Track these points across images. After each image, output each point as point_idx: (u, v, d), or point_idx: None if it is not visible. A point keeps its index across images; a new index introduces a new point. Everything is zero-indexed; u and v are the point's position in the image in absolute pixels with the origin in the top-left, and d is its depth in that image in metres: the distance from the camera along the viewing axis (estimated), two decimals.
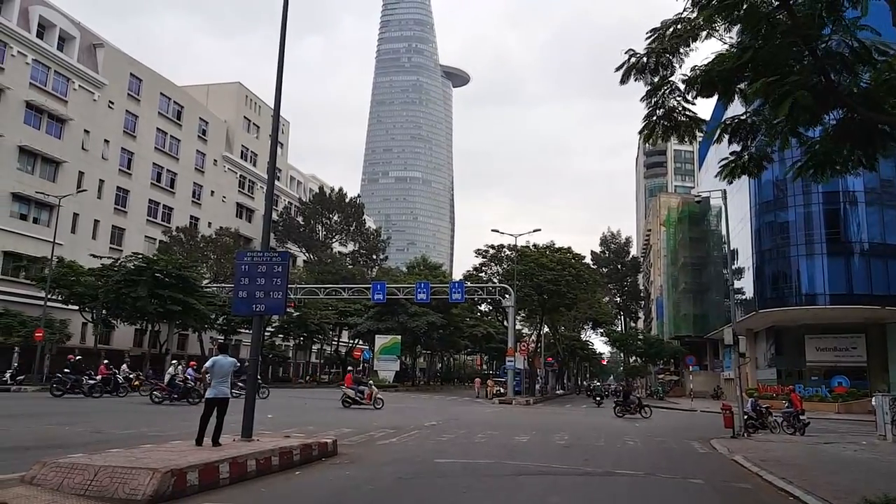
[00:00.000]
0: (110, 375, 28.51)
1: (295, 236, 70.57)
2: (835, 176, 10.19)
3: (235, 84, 69.53)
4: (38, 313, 37.42)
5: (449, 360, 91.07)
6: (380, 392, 29.27)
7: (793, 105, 8.00)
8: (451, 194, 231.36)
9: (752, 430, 20.50)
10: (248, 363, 12.75)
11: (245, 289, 12.25)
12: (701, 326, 61.87)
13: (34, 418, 17.30)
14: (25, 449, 10.93)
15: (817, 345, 42.91)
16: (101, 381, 27.87)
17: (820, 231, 40.76)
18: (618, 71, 9.97)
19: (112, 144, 50.59)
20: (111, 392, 27.87)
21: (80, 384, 27.07)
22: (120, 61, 52.16)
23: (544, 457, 13.37)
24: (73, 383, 26.93)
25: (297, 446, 11.21)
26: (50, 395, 26.17)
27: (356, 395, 27.23)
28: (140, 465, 7.89)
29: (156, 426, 16.01)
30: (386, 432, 17.16)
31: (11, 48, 41.87)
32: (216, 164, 63.96)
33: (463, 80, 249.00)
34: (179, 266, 41.89)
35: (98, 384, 27.54)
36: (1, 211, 40.95)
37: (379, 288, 47.23)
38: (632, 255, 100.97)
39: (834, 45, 8.76)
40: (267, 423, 16.69)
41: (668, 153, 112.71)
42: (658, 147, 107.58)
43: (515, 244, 52.23)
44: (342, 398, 27.41)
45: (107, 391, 27.74)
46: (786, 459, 13.73)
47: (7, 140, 41.06)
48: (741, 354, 22.35)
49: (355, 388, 27.71)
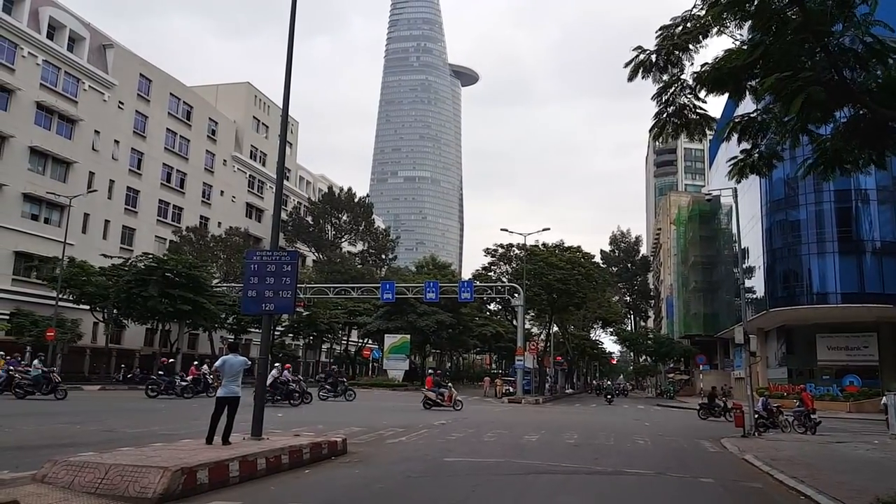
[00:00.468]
0: (200, 376, 30.08)
1: (304, 236, 70.80)
2: (844, 174, 10.10)
3: (245, 84, 69.81)
4: (49, 313, 37.78)
5: (458, 359, 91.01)
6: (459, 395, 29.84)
7: (805, 101, 7.91)
8: (460, 194, 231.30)
9: (763, 430, 20.37)
10: (258, 361, 12.79)
11: (254, 288, 12.29)
12: (711, 325, 61.53)
13: (46, 417, 17.43)
14: (37, 448, 11.01)
15: (828, 344, 42.58)
16: (191, 381, 29.39)
17: (831, 229, 40.43)
18: (626, 68, 9.90)
19: (122, 145, 50.93)
20: (202, 391, 29.13)
21: (174, 385, 28.76)
22: (129, 62, 52.48)
23: (553, 456, 13.33)
24: (167, 384, 28.62)
25: (307, 445, 11.23)
26: (145, 396, 27.83)
27: (437, 397, 27.92)
28: (150, 464, 7.93)
29: (167, 425, 16.09)
30: (395, 431, 17.17)
31: (22, 49, 42.23)
32: (225, 165, 64.25)
33: (472, 78, 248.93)
34: (189, 266, 42.11)
35: (189, 385, 29.10)
36: (12, 211, 41.30)
37: (388, 287, 47.27)
38: (642, 254, 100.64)
39: (847, 42, 8.67)
40: (277, 422, 16.75)
41: (678, 152, 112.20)
42: (668, 146, 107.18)
43: (525, 243, 52.17)
44: (423, 400, 28.07)
45: (197, 391, 29.11)
46: (797, 459, 13.63)
47: (18, 141, 41.42)
48: (752, 353, 22.20)
49: (436, 390, 28.40)
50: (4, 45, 41.28)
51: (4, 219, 40.47)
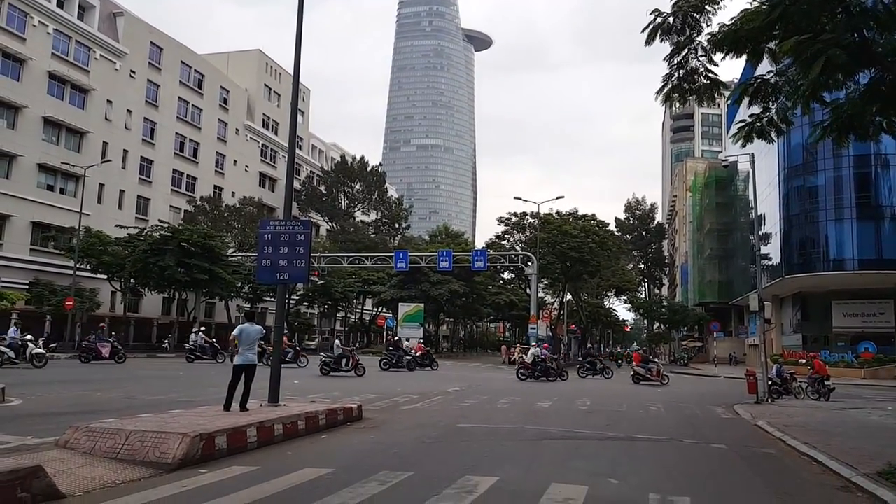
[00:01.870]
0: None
1: (317, 205, 70.90)
2: (859, 139, 9.92)
3: (256, 52, 69.23)
4: (67, 283, 38.32)
5: (472, 327, 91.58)
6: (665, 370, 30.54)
7: (825, 64, 7.74)
8: (474, 162, 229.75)
9: (777, 396, 20.39)
10: (274, 330, 12.93)
11: (268, 258, 12.37)
12: (726, 293, 61.32)
13: (69, 385, 17.81)
14: (59, 414, 11.28)
15: (844, 311, 42.34)
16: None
17: (850, 195, 39.87)
18: (643, 32, 9.74)
19: (135, 114, 50.95)
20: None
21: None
22: (140, 30, 52.19)
23: (566, 422, 13.45)
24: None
25: (323, 411, 11.41)
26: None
27: (646, 372, 28.47)
28: (170, 430, 8.10)
29: (185, 392, 16.39)
30: (410, 398, 17.38)
31: (32, 18, 42.08)
32: (238, 134, 64.16)
33: (485, 43, 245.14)
34: (205, 235, 42.42)
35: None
36: (28, 182, 41.66)
37: (401, 256, 47.41)
38: (657, 221, 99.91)
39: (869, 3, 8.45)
40: (293, 389, 17.00)
41: (695, 117, 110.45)
42: (685, 111, 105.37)
43: (538, 211, 51.95)
44: (632, 375, 28.66)
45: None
46: (810, 425, 13.66)
47: (31, 111, 41.56)
48: (766, 321, 22.14)
49: (644, 366, 29.04)
50: (15, 15, 41.15)
51: (21, 189, 40.85)
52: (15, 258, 39.97)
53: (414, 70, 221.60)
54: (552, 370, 27.90)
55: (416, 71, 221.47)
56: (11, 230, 40.34)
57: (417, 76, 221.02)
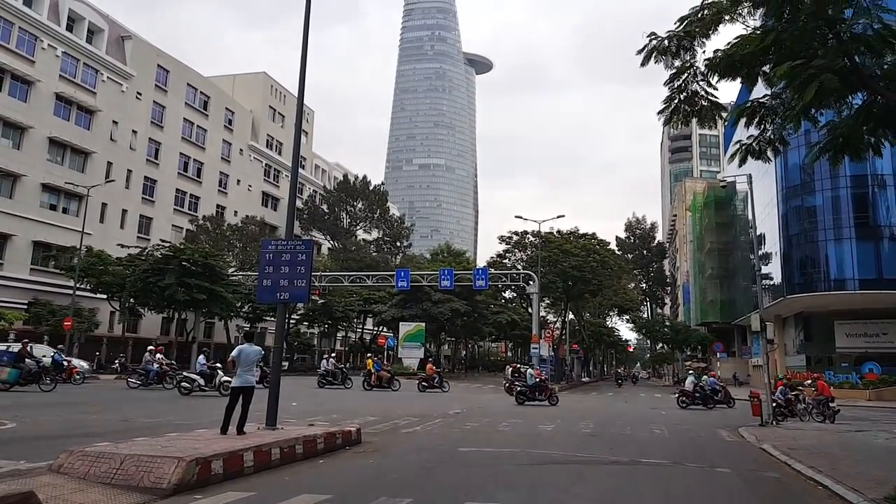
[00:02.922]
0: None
1: (320, 224, 71.03)
2: (854, 159, 10.00)
3: (261, 74, 69.93)
4: (67, 302, 38.29)
5: (473, 347, 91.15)
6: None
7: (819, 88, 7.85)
8: (475, 181, 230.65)
9: (781, 418, 20.18)
10: (273, 350, 12.85)
11: (269, 277, 12.34)
12: (728, 313, 61.00)
13: (64, 407, 17.68)
14: (54, 438, 11.17)
15: (847, 331, 42.05)
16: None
17: (848, 215, 39.82)
18: (639, 54, 9.85)
19: (140, 135, 51.28)
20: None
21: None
22: (147, 53, 52.72)
23: (569, 446, 13.30)
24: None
25: (321, 435, 11.28)
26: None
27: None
28: (165, 454, 8.00)
29: (181, 415, 16.26)
30: (410, 420, 17.22)
31: (42, 41, 42.55)
32: (242, 154, 64.51)
33: (486, 67, 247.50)
34: (205, 255, 42.42)
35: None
36: (32, 201, 41.81)
37: (403, 275, 47.30)
38: (657, 240, 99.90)
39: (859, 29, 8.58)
40: (291, 411, 16.86)
41: (692, 138, 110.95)
42: (683, 132, 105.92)
43: (539, 230, 51.93)
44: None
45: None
46: (815, 448, 13.49)
47: (37, 131, 41.84)
48: (769, 341, 21.97)
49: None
50: (25, 38, 41.64)
51: (24, 209, 40.98)
52: (15, 278, 39.98)
53: (416, 92, 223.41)
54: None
55: (419, 93, 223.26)
56: (13, 249, 40.39)
57: (420, 98, 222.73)
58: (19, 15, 40.96)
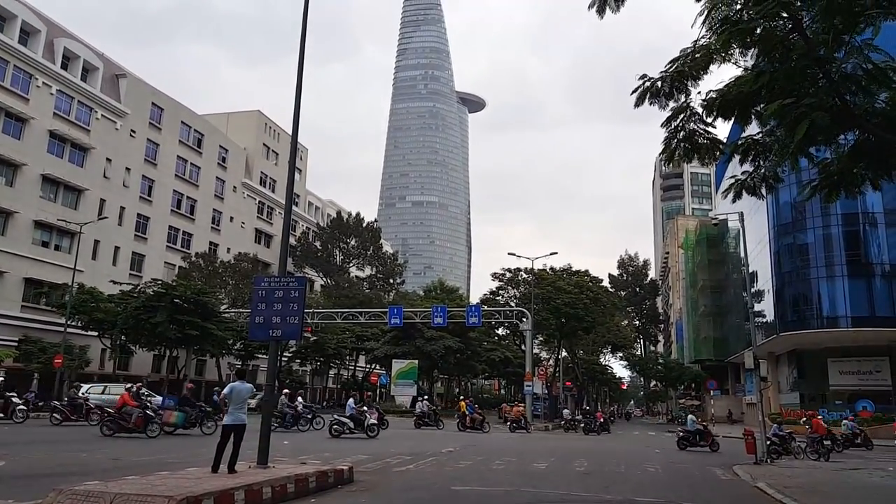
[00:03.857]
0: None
1: (312, 261, 70.97)
2: (849, 196, 10.17)
3: (255, 112, 70.72)
4: (57, 339, 37.89)
5: (466, 384, 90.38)
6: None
7: (809, 126, 8.03)
8: (468, 218, 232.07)
9: (776, 456, 20.06)
10: (265, 388, 12.74)
11: (262, 314, 12.31)
12: (722, 350, 60.98)
13: (54, 445, 17.39)
14: (44, 476, 10.97)
15: (840, 368, 42.08)
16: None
17: (840, 253, 40.22)
18: (633, 94, 10.05)
19: (133, 172, 51.49)
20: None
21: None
22: (142, 91, 53.31)
23: (563, 484, 13.16)
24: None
25: (313, 473, 11.14)
26: None
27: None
28: (155, 493, 7.89)
29: (172, 453, 16.01)
30: (402, 459, 17.00)
31: (37, 79, 43.01)
32: (235, 191, 64.79)
33: (479, 105, 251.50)
34: (198, 292, 42.25)
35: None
36: (24, 238, 41.70)
37: (395, 312, 47.17)
38: (650, 277, 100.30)
39: (849, 69, 8.80)
40: (283, 450, 16.63)
41: (684, 175, 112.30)
42: (674, 170, 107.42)
43: (532, 267, 52.10)
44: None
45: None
46: (810, 486, 13.40)
47: (30, 169, 41.98)
48: (763, 378, 22.00)
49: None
50: (20, 76, 42.07)
51: (16, 246, 40.85)
52: (6, 315, 39.61)
53: (409, 130, 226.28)
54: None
55: (412, 131, 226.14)
56: (4, 286, 40.11)
57: (413, 136, 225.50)
58: (14, 53, 41.45)
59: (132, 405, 20.83)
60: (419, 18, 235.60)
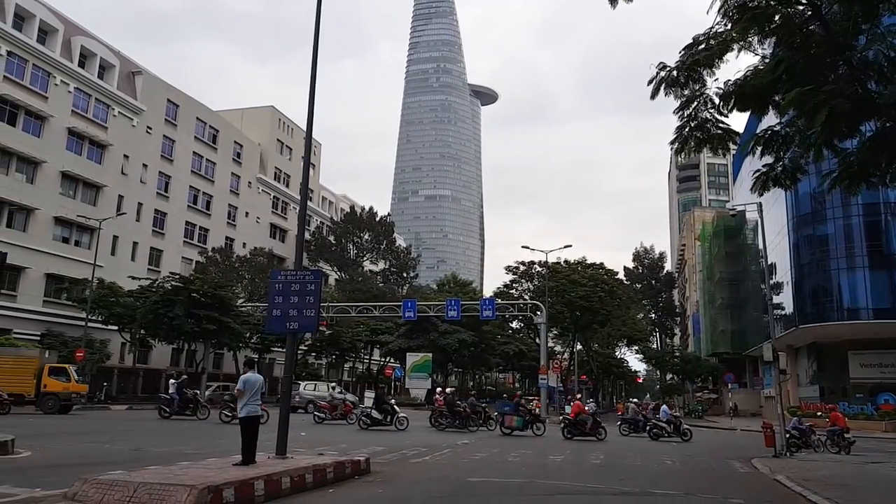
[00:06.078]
0: None
1: (327, 255, 71.29)
2: (870, 188, 9.99)
3: (269, 108, 71.00)
4: (78, 334, 38.46)
5: (480, 378, 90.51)
6: None
7: (829, 115, 7.88)
8: (481, 212, 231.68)
9: (795, 450, 19.91)
10: (283, 380, 12.85)
11: (279, 307, 12.41)
12: (739, 343, 60.48)
13: (77, 436, 17.67)
14: (68, 466, 11.17)
15: (861, 361, 41.56)
16: None
17: (861, 244, 39.68)
18: (649, 86, 9.95)
19: (150, 168, 51.96)
20: None
21: None
22: (157, 88, 53.72)
23: (579, 476, 13.16)
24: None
25: (331, 464, 11.24)
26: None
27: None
28: (177, 482, 8.01)
29: (193, 443, 16.22)
30: (418, 451, 17.09)
31: (55, 77, 43.47)
32: (250, 186, 65.18)
33: (491, 98, 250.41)
34: (215, 286, 42.63)
35: None
36: (45, 235, 42.26)
37: (409, 306, 47.31)
38: (666, 270, 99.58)
39: (870, 56, 8.63)
40: (301, 441, 16.78)
41: (701, 167, 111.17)
42: (691, 161, 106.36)
43: (546, 260, 51.96)
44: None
45: None
46: (831, 479, 13.29)
47: (50, 166, 42.48)
48: (782, 371, 21.79)
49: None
50: (38, 74, 42.54)
51: (37, 242, 41.40)
52: (28, 309, 40.21)
53: (422, 124, 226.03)
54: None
55: (424, 125, 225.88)
56: (26, 282, 40.69)
57: (425, 129, 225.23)
58: (33, 52, 41.91)
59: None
60: (431, 11, 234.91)
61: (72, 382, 29.25)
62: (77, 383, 29.81)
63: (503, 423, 25.38)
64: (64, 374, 29.27)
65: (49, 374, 28.81)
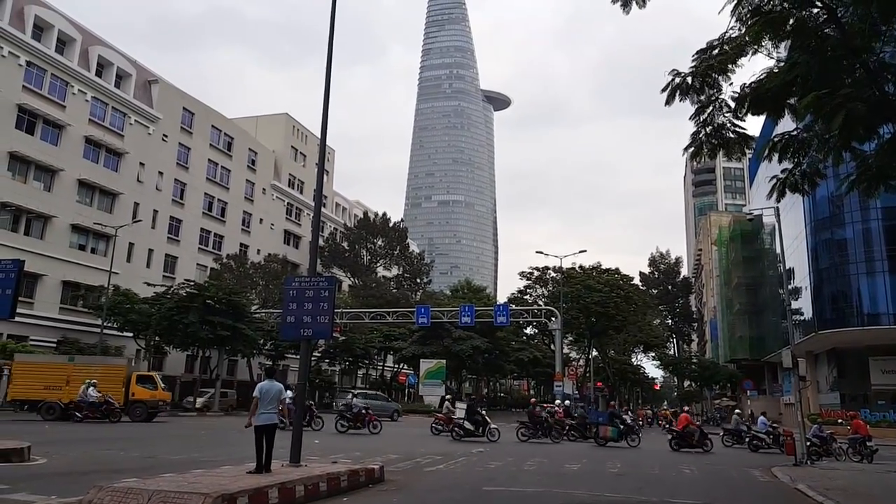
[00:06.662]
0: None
1: (340, 261, 71.48)
2: (890, 191, 9.81)
3: (283, 115, 71.52)
4: (94, 340, 38.83)
5: (495, 384, 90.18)
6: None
7: (846, 118, 7.75)
8: (494, 217, 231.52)
9: (816, 458, 19.59)
10: (296, 388, 12.84)
11: (293, 314, 12.41)
12: (758, 349, 59.73)
13: (92, 443, 17.77)
14: (83, 473, 11.22)
15: (882, 367, 40.87)
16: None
17: (880, 248, 39.07)
18: (663, 93, 9.86)
19: (166, 176, 52.46)
20: None
21: None
22: (173, 96, 54.28)
23: (596, 485, 13.01)
24: None
25: (345, 472, 11.19)
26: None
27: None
28: (192, 490, 8.00)
29: (207, 451, 16.25)
30: (433, 459, 17.00)
31: (73, 87, 44.06)
32: (265, 193, 65.60)
33: (504, 103, 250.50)
34: (229, 292, 42.85)
35: None
36: (61, 242, 42.75)
37: (423, 312, 47.28)
38: (682, 275, 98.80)
39: (888, 58, 8.50)
40: (314, 449, 16.76)
41: (716, 171, 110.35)
42: (706, 165, 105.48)
43: (561, 266, 51.74)
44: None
45: None
46: (853, 488, 13.04)
47: (67, 174, 43.01)
48: (801, 378, 21.49)
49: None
50: (57, 84, 43.16)
51: (54, 249, 41.89)
52: (45, 317, 40.64)
53: (435, 129, 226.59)
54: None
55: (437, 130, 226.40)
56: (43, 289, 41.15)
57: (438, 135, 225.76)
58: (51, 62, 42.54)
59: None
60: (444, 18, 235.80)
61: (158, 390, 29.83)
62: (162, 391, 30.32)
63: (598, 434, 25.00)
64: (150, 382, 29.78)
65: (137, 383, 29.26)
